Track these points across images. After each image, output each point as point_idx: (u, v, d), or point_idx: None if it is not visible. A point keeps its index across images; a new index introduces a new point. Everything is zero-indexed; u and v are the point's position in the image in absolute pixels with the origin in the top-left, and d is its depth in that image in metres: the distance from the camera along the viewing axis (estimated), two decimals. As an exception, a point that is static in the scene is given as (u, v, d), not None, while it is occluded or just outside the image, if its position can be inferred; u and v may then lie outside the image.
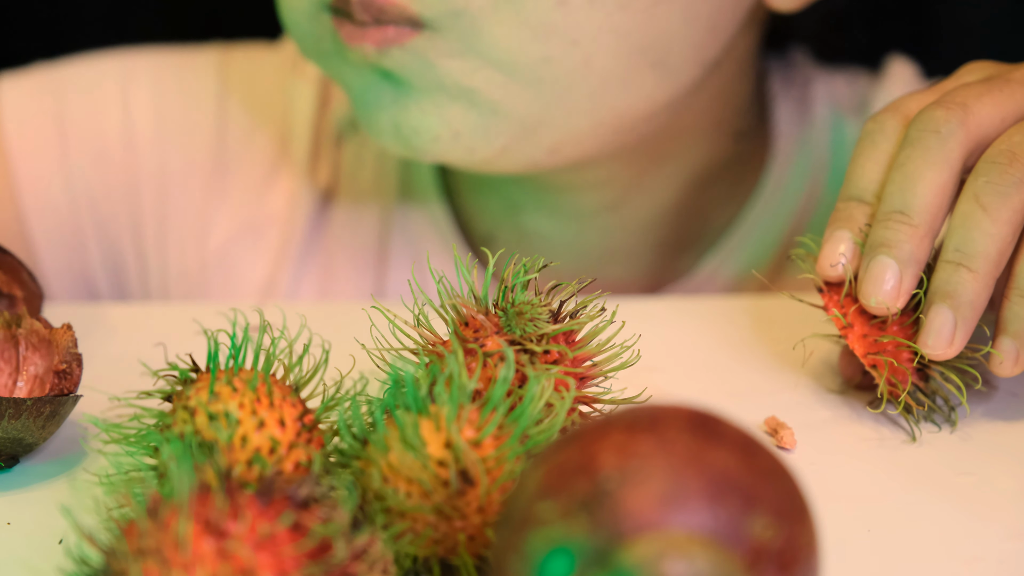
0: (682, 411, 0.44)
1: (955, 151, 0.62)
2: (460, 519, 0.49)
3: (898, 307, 0.60)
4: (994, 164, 0.61)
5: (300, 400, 0.53)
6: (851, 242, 0.62)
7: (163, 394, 0.54)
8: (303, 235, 0.90)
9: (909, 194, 0.61)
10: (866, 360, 0.61)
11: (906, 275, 0.61)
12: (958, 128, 0.62)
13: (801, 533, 0.43)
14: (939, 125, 0.62)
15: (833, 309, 0.62)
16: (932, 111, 0.62)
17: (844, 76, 0.93)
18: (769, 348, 0.70)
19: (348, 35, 0.72)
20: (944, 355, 0.60)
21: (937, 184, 0.61)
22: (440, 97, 0.73)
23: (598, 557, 0.41)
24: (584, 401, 0.57)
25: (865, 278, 0.61)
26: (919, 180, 0.61)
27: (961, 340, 0.60)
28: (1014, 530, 0.55)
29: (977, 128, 0.62)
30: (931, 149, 0.61)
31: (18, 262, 0.65)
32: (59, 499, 0.56)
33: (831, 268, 0.62)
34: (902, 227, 0.61)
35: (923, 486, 0.58)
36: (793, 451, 0.61)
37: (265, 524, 0.43)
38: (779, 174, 0.88)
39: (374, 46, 0.72)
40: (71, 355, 0.59)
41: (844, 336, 0.61)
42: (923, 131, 0.62)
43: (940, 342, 0.60)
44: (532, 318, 0.56)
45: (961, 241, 0.60)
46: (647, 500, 0.41)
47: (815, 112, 0.90)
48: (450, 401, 0.49)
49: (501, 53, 0.72)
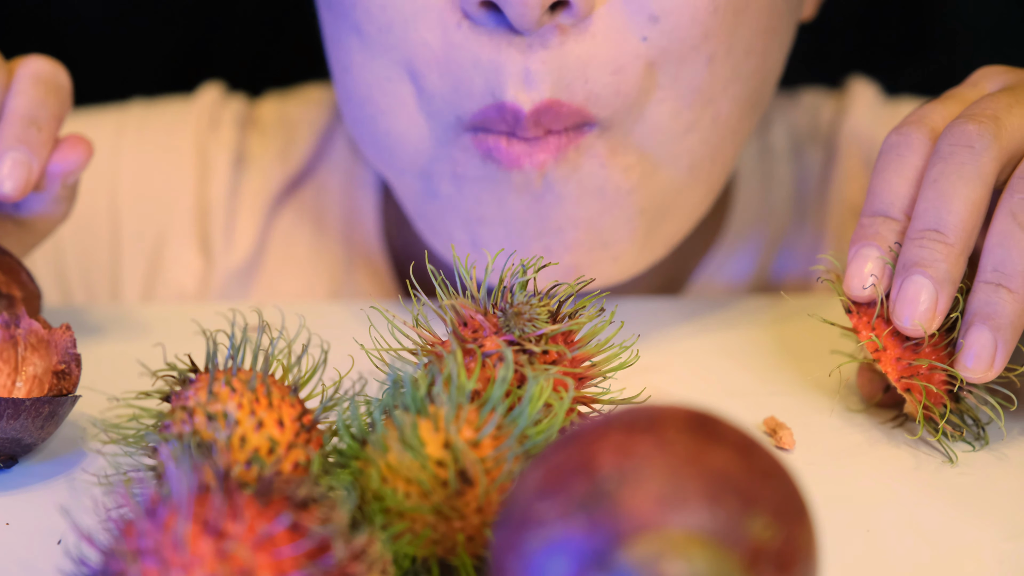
0: (681, 411, 0.44)
1: (989, 166, 0.60)
2: (459, 519, 0.49)
3: (934, 328, 0.59)
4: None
5: (299, 400, 0.53)
6: (880, 260, 0.60)
7: (162, 394, 0.54)
8: None
9: (944, 211, 0.59)
10: (900, 384, 0.60)
11: (942, 295, 0.59)
12: (992, 143, 0.60)
13: (800, 533, 0.43)
14: (972, 140, 0.60)
15: (867, 332, 0.60)
16: (963, 125, 0.60)
17: (802, 103, 0.91)
18: (769, 348, 0.70)
19: (512, 151, 0.67)
20: (984, 378, 0.58)
21: (972, 201, 0.59)
22: (595, 206, 0.68)
23: (597, 557, 0.41)
24: (583, 401, 0.57)
25: (899, 299, 0.59)
26: (954, 197, 0.59)
27: (1001, 363, 0.58)
28: (1014, 530, 0.55)
29: (1010, 141, 0.60)
30: (965, 165, 0.59)
31: (17, 262, 0.65)
32: (58, 499, 0.56)
33: (861, 289, 0.60)
34: (937, 245, 0.59)
35: (923, 486, 0.58)
36: (792, 451, 0.61)
37: (264, 524, 0.43)
38: (742, 214, 0.86)
39: (551, 156, 0.66)
40: (70, 355, 0.59)
41: (877, 360, 0.60)
42: (955, 146, 0.60)
43: (980, 365, 0.58)
44: (531, 318, 0.56)
45: (1000, 261, 0.58)
46: (646, 500, 0.41)
47: (776, 148, 0.88)
48: (449, 401, 0.49)
49: (656, 135, 0.68)
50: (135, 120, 0.92)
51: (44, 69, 0.67)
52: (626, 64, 0.66)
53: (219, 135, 0.90)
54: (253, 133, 0.91)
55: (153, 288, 0.88)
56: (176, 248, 0.89)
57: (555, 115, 0.66)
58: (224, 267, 0.88)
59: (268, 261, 0.88)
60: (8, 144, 0.64)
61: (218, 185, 0.89)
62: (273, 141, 0.91)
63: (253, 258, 0.88)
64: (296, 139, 0.90)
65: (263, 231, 0.88)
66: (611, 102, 0.66)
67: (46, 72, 0.67)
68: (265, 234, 0.89)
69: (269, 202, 0.89)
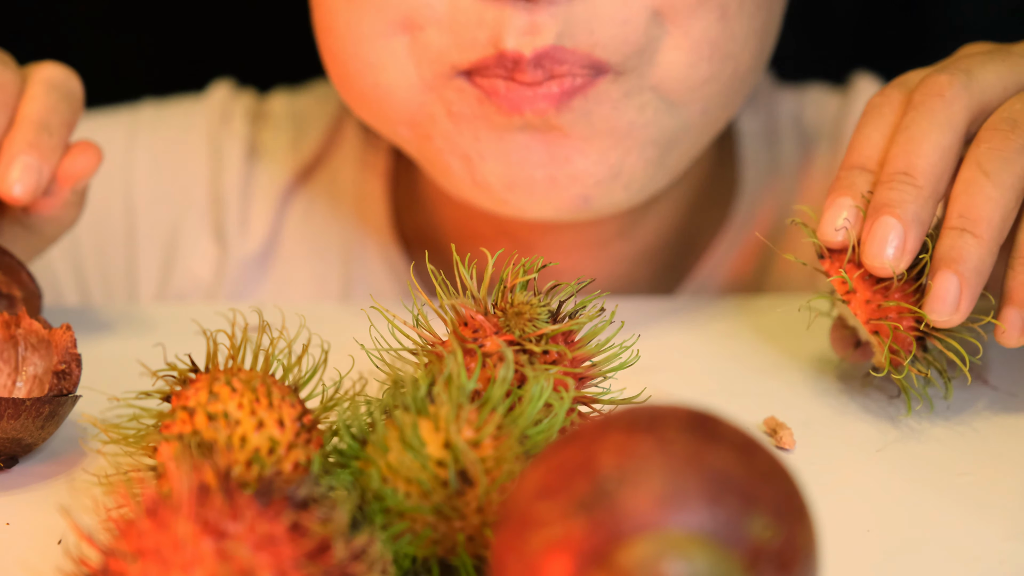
0: (681, 411, 0.44)
1: (959, 114, 0.61)
2: (459, 519, 0.49)
3: (902, 268, 0.60)
4: (996, 131, 0.61)
5: (299, 400, 0.53)
6: (853, 208, 0.62)
7: (162, 394, 0.54)
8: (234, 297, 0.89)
9: (913, 155, 0.61)
10: (868, 326, 0.61)
11: (910, 235, 0.60)
12: (962, 91, 0.62)
13: (800, 533, 0.43)
14: (943, 89, 0.62)
15: (837, 271, 0.61)
16: (936, 76, 0.62)
17: (809, 95, 0.93)
18: (768, 348, 0.70)
19: (511, 98, 0.67)
20: (950, 321, 0.60)
21: (941, 146, 0.61)
22: (606, 141, 0.69)
23: (597, 557, 0.41)
24: (583, 401, 0.57)
25: (869, 239, 0.60)
26: (923, 141, 0.61)
27: (967, 306, 0.59)
28: (1014, 530, 0.55)
29: (981, 93, 0.62)
30: (935, 112, 0.61)
31: (18, 262, 0.65)
32: (58, 499, 0.56)
33: (834, 232, 0.61)
34: (906, 187, 0.60)
35: (923, 486, 0.58)
36: (792, 451, 0.61)
37: (264, 524, 0.43)
38: (750, 197, 0.87)
39: (552, 104, 0.68)
40: (70, 355, 0.59)
41: (847, 301, 0.61)
42: (927, 95, 0.62)
43: (946, 307, 0.59)
44: (531, 318, 0.56)
45: (965, 207, 0.60)
46: (646, 500, 0.41)
47: (781, 132, 0.89)
48: (449, 401, 0.49)
49: (672, 82, 0.69)
50: (147, 119, 0.93)
51: (57, 76, 0.68)
52: (632, 16, 0.67)
53: (231, 128, 0.91)
54: (264, 126, 0.92)
55: (169, 280, 0.90)
56: (191, 239, 0.90)
57: (557, 60, 0.66)
58: (239, 256, 0.89)
59: (282, 249, 0.90)
60: (19, 149, 0.65)
61: (231, 175, 0.90)
62: (284, 133, 0.92)
63: (267, 246, 0.89)
64: (307, 130, 0.92)
65: (276, 219, 0.90)
66: (619, 49, 0.68)
67: (58, 79, 0.68)
68: (278, 222, 0.90)
69: (282, 191, 0.90)
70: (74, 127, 0.68)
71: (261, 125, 0.92)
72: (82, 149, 0.68)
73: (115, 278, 0.91)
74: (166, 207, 0.91)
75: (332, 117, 0.92)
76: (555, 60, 0.67)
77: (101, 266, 0.91)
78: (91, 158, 0.68)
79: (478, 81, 0.68)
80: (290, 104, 0.93)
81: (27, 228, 0.70)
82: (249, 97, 0.94)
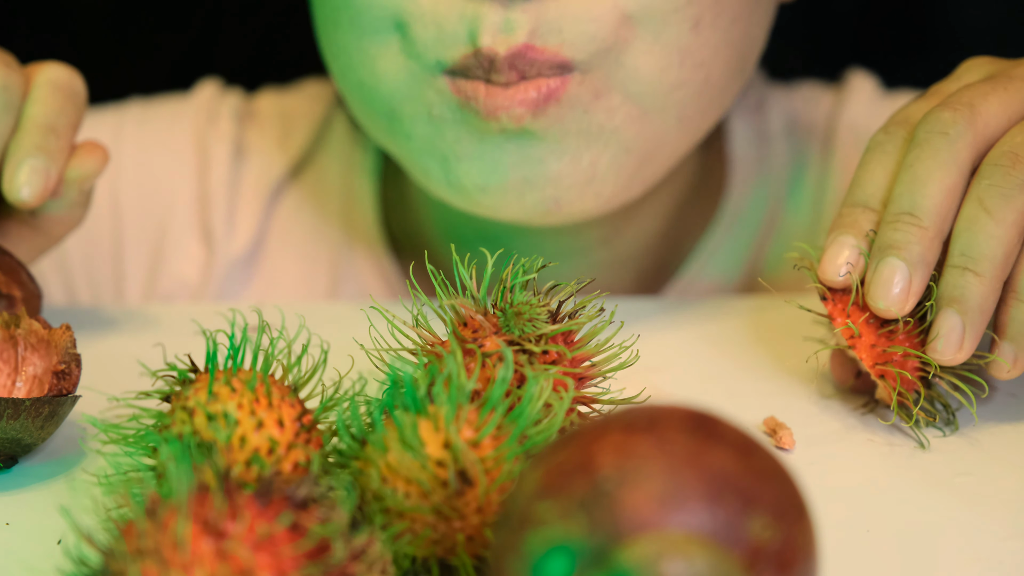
0: (681, 411, 0.44)
1: (963, 152, 0.61)
2: (459, 519, 0.49)
3: (907, 310, 0.60)
4: (997, 167, 0.60)
5: (299, 400, 0.53)
6: (855, 248, 0.61)
7: (162, 394, 0.54)
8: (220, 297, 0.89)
9: (919, 195, 0.60)
10: (875, 371, 0.60)
11: (915, 277, 0.60)
12: (966, 129, 0.61)
13: (800, 533, 0.43)
14: (947, 127, 0.61)
15: (842, 319, 0.61)
16: (939, 113, 0.62)
17: (801, 93, 0.92)
18: (768, 349, 0.70)
19: (490, 103, 0.69)
20: (954, 360, 0.59)
21: (946, 185, 0.61)
22: (579, 144, 0.70)
23: (596, 557, 0.41)
24: (583, 401, 0.57)
25: (873, 280, 0.60)
26: (928, 181, 0.61)
27: (970, 345, 0.59)
28: (1014, 530, 0.55)
29: (984, 128, 0.62)
30: (940, 151, 0.61)
31: (17, 263, 0.65)
32: (58, 499, 0.56)
33: (836, 272, 0.61)
34: (911, 228, 0.60)
35: (923, 486, 0.58)
36: (792, 451, 0.61)
37: (264, 524, 0.43)
38: (738, 198, 0.87)
39: (528, 110, 0.69)
40: (70, 355, 0.59)
41: (852, 347, 0.60)
42: (931, 132, 0.61)
43: (949, 347, 0.59)
44: (531, 318, 0.56)
45: (966, 245, 0.60)
46: (645, 500, 0.41)
47: (771, 132, 0.89)
48: (449, 401, 0.49)
49: (640, 85, 0.70)
50: (134, 118, 0.93)
51: (61, 76, 0.68)
52: (601, 14, 0.68)
53: (218, 128, 0.91)
54: (251, 125, 0.92)
55: (156, 280, 0.89)
56: (178, 239, 0.90)
57: (529, 61, 0.68)
58: (226, 256, 0.89)
59: (269, 248, 0.90)
60: (27, 151, 0.65)
61: (218, 175, 0.90)
62: (271, 132, 0.92)
63: (254, 246, 0.89)
64: (294, 129, 0.92)
65: (263, 219, 0.90)
66: (586, 47, 0.68)
67: (63, 79, 0.68)
68: (266, 222, 0.90)
69: (269, 190, 0.90)
70: (79, 127, 0.69)
71: (248, 124, 0.92)
72: (89, 150, 0.68)
73: (102, 279, 0.91)
74: (152, 207, 0.91)
75: (320, 116, 0.92)
76: (527, 60, 0.68)
77: (87, 267, 0.91)
78: (98, 158, 0.68)
79: (460, 84, 0.69)
80: (278, 103, 0.94)
81: (33, 228, 0.70)
82: (236, 96, 0.94)
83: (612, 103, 0.70)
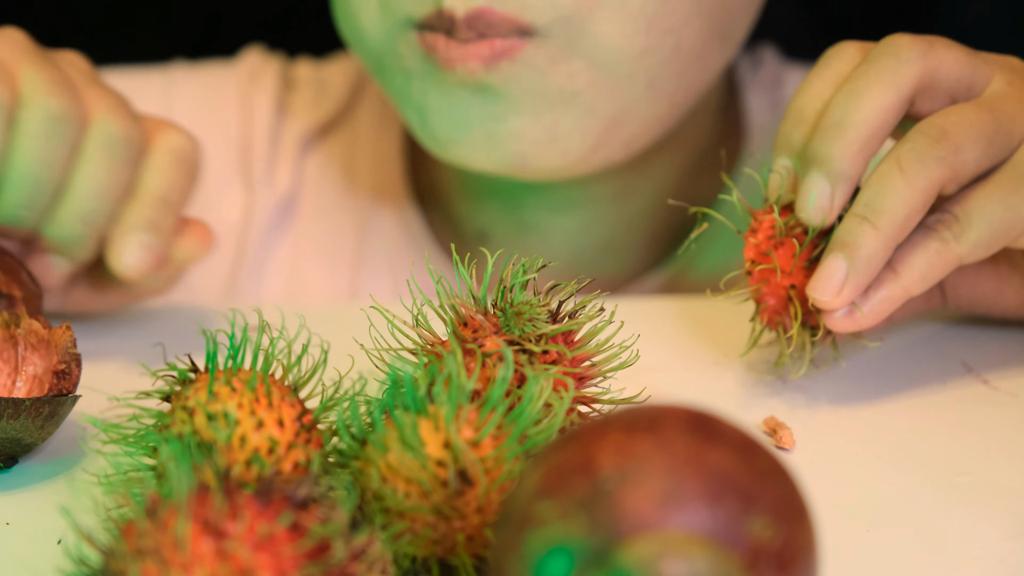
0: (681, 411, 0.44)
1: (908, 77, 0.61)
2: (459, 519, 0.49)
3: (828, 222, 0.60)
4: (923, 135, 0.60)
5: (299, 400, 0.53)
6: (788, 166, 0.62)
7: (162, 394, 0.54)
8: (261, 242, 0.90)
9: (851, 107, 0.61)
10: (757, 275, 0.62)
11: (836, 190, 0.60)
12: (918, 57, 0.61)
13: (800, 533, 0.43)
14: (899, 50, 0.61)
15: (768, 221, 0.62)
16: (897, 38, 0.62)
17: None
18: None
19: (447, 55, 0.72)
20: (830, 304, 0.60)
21: (881, 103, 0.61)
22: (539, 104, 0.73)
23: (596, 557, 0.41)
24: (583, 401, 0.57)
25: (800, 193, 0.61)
26: (864, 95, 0.61)
27: (849, 293, 0.59)
28: (1014, 530, 0.55)
29: (936, 67, 0.62)
30: (885, 69, 0.61)
31: (17, 262, 0.65)
32: (58, 499, 0.56)
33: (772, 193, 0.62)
34: (836, 141, 0.60)
35: (923, 486, 0.58)
36: (792, 451, 0.61)
37: (264, 524, 0.43)
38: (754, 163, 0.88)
39: (481, 63, 0.72)
40: (70, 355, 0.59)
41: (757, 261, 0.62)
42: (882, 53, 0.62)
43: (829, 289, 0.59)
44: (531, 318, 0.56)
45: (872, 197, 0.60)
46: (646, 500, 0.41)
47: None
48: (449, 401, 0.49)
49: (605, 51, 0.72)
50: (181, 77, 0.95)
51: (184, 147, 0.68)
52: None
53: (261, 84, 0.94)
54: (291, 89, 0.95)
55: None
56: (220, 182, 0.91)
57: (487, 22, 0.71)
58: (265, 201, 0.91)
59: (304, 197, 0.92)
60: (139, 224, 0.65)
61: (260, 125, 0.92)
62: (308, 94, 0.95)
63: (292, 193, 0.92)
64: (329, 92, 0.95)
65: (297, 172, 0.92)
66: (545, 12, 0.71)
67: (185, 150, 0.68)
68: (301, 173, 0.92)
69: (305, 143, 0.93)
70: (190, 200, 0.69)
71: (288, 88, 0.95)
72: (197, 232, 0.68)
73: None
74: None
75: (353, 81, 0.96)
76: (485, 22, 0.71)
77: None
78: (205, 243, 0.68)
79: (426, 36, 0.73)
80: (315, 71, 0.97)
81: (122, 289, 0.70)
82: (278, 61, 0.97)
83: (573, 68, 0.72)
